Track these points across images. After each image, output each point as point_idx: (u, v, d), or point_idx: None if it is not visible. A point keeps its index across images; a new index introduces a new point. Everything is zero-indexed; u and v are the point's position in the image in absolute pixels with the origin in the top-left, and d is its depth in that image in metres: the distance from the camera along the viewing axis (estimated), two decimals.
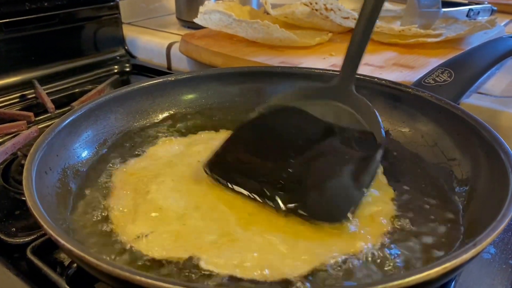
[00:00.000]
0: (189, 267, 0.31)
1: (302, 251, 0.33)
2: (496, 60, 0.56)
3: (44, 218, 0.29)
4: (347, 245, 0.33)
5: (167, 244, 0.33)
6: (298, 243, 0.33)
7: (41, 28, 0.73)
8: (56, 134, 0.40)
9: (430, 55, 0.68)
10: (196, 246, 0.33)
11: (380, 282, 0.23)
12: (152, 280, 0.23)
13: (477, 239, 0.27)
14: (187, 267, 0.31)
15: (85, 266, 0.27)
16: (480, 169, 0.38)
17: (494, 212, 0.30)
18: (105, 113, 0.47)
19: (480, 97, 0.56)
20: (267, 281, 0.30)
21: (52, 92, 0.72)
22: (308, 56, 0.69)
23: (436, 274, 0.25)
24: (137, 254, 0.33)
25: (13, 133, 0.57)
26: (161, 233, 0.35)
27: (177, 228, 0.35)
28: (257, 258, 0.32)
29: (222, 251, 0.33)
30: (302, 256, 0.32)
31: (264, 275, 0.30)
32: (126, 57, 0.86)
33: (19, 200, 0.46)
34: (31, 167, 0.35)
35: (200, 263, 0.32)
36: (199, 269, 0.31)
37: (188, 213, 0.37)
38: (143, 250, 0.33)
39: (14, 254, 0.39)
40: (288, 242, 0.33)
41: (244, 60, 0.67)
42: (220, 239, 0.34)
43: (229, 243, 0.33)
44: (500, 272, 0.37)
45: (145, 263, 0.32)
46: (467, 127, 0.41)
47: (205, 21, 0.74)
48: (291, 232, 0.35)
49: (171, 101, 0.53)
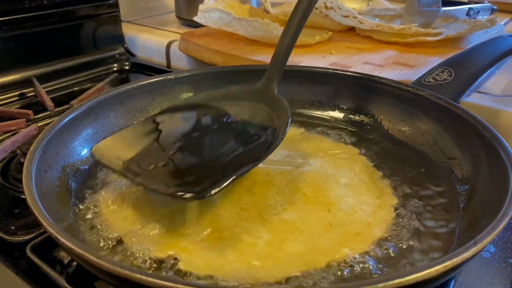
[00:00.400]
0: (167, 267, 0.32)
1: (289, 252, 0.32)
2: (496, 59, 0.56)
3: (44, 216, 0.29)
4: (338, 247, 0.33)
5: (152, 241, 0.34)
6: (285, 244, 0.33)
7: (40, 26, 0.73)
8: (55, 132, 0.40)
9: (430, 54, 0.68)
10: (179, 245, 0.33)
11: (380, 281, 0.23)
12: (152, 278, 0.23)
13: (478, 238, 0.27)
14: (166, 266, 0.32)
15: (85, 265, 0.27)
16: (480, 168, 0.38)
17: (494, 211, 0.30)
18: (105, 111, 0.47)
19: (480, 96, 0.56)
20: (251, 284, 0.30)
21: (51, 90, 0.71)
22: (308, 55, 0.69)
23: (436, 272, 0.25)
24: (121, 250, 0.33)
25: (12, 131, 0.57)
26: (149, 229, 0.35)
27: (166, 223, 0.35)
28: (239, 259, 0.32)
29: (205, 250, 0.32)
30: (288, 258, 0.32)
31: (244, 278, 0.30)
32: (126, 56, 0.86)
33: (18, 199, 0.45)
34: (30, 165, 0.34)
35: (179, 264, 0.32)
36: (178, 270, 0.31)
37: (177, 209, 0.36)
38: (127, 246, 0.33)
39: (13, 253, 0.38)
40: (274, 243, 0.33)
41: (244, 58, 0.67)
42: (207, 235, 0.34)
43: (216, 240, 0.33)
44: (500, 271, 0.37)
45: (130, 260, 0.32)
46: (467, 126, 0.41)
47: (205, 19, 0.74)
48: (282, 231, 0.34)
49: (171, 99, 0.53)
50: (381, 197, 0.39)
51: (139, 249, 0.33)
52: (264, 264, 0.31)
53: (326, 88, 0.54)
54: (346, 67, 0.63)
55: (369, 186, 0.40)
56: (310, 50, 0.71)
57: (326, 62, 0.66)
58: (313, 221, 0.35)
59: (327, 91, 0.54)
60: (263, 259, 0.32)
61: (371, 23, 0.75)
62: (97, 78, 0.77)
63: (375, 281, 0.23)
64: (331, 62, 0.66)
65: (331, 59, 0.67)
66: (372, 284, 0.23)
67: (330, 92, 0.54)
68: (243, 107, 0.44)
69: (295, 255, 0.32)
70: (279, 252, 0.32)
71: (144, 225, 0.35)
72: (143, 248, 0.33)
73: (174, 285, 0.23)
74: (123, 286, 0.26)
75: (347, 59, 0.67)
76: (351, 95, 0.53)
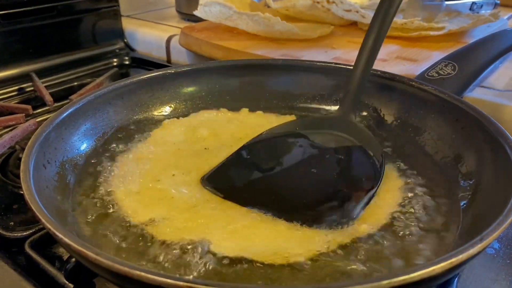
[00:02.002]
0: (199, 250, 0.32)
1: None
2: (500, 53, 0.55)
3: (42, 211, 0.28)
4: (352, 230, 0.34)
5: (179, 229, 0.34)
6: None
7: (39, 20, 0.72)
8: (54, 126, 0.39)
9: (433, 48, 0.67)
10: (206, 231, 0.33)
11: (385, 277, 0.23)
12: (151, 275, 0.23)
13: (484, 234, 0.26)
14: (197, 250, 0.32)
15: (83, 261, 0.26)
16: (485, 163, 0.38)
17: (500, 206, 0.29)
18: (104, 106, 0.47)
19: (484, 91, 0.55)
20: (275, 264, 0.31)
21: (51, 85, 0.71)
22: (310, 49, 0.68)
23: (442, 269, 0.24)
24: (148, 237, 0.33)
25: (11, 126, 0.56)
26: (174, 219, 0.35)
27: (189, 215, 0.35)
28: (266, 243, 0.32)
29: (233, 236, 0.33)
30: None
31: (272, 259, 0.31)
32: (125, 50, 0.85)
33: (17, 194, 0.45)
34: (28, 160, 0.34)
35: (210, 247, 0.32)
36: (209, 252, 0.32)
37: (200, 204, 0.37)
38: (155, 234, 0.33)
39: (12, 249, 0.38)
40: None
41: (245, 53, 0.67)
42: (230, 225, 0.34)
43: (241, 228, 0.34)
44: (504, 267, 0.36)
45: (158, 246, 0.32)
46: (471, 120, 0.41)
47: (205, 13, 0.73)
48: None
49: (171, 93, 0.52)
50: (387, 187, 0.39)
51: (166, 234, 0.33)
52: (290, 244, 0.32)
53: (328, 83, 0.53)
54: (349, 61, 0.62)
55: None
56: (312, 44, 0.71)
57: (328, 57, 0.65)
58: None
59: (329, 85, 0.53)
60: (288, 239, 0.33)
61: None
62: (97, 73, 0.76)
63: (379, 278, 0.23)
64: (333, 56, 0.65)
65: (333, 53, 0.67)
66: (377, 281, 0.23)
67: (332, 86, 0.53)
68: (323, 135, 0.43)
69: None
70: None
71: (167, 215, 0.35)
72: (169, 233, 0.33)
73: (173, 282, 0.22)
74: (122, 282, 0.26)
75: (349, 54, 0.66)
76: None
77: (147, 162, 0.42)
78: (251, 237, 0.33)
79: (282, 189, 0.39)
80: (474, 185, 0.37)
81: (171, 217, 0.35)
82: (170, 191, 0.38)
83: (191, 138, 0.47)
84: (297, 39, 0.71)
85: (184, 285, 0.22)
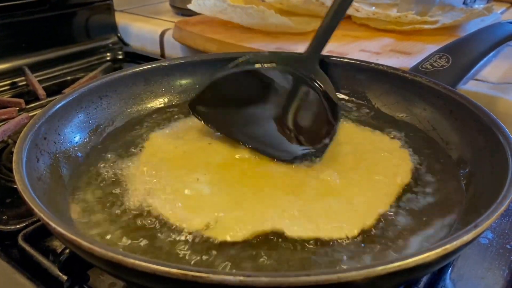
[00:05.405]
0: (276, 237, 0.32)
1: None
2: (494, 44, 0.55)
3: (35, 201, 0.28)
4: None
5: (244, 223, 0.33)
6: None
7: (32, 14, 0.71)
8: (46, 118, 0.39)
9: (427, 42, 0.67)
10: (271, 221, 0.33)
11: (379, 264, 0.23)
12: (146, 263, 0.23)
13: (478, 221, 0.26)
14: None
15: (77, 250, 0.26)
16: (479, 153, 0.38)
17: (494, 195, 0.30)
18: (98, 98, 0.46)
19: (477, 84, 0.55)
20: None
21: (44, 80, 0.70)
22: (304, 42, 0.68)
23: (436, 255, 0.24)
24: (212, 241, 0.31)
25: (4, 120, 0.56)
26: (229, 218, 0.34)
27: (241, 213, 0.34)
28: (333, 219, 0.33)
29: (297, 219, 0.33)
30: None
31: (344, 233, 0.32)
32: (119, 45, 0.84)
33: (10, 188, 0.45)
34: (21, 151, 0.34)
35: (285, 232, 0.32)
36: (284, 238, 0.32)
37: (241, 201, 0.36)
38: (219, 236, 0.32)
39: (5, 242, 0.38)
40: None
41: (239, 46, 0.66)
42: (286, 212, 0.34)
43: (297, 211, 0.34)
44: (498, 257, 0.37)
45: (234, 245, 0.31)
46: (465, 111, 0.41)
47: (199, 7, 0.73)
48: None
49: (165, 86, 0.52)
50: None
51: (233, 233, 0.32)
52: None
53: None
54: (343, 54, 0.62)
55: None
56: (306, 37, 0.70)
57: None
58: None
59: None
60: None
61: (367, 11, 0.74)
62: (90, 68, 0.76)
63: (374, 265, 0.23)
64: (328, 49, 0.64)
65: (328, 46, 0.66)
66: (372, 268, 0.23)
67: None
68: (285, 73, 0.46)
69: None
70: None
71: (219, 218, 0.34)
72: (235, 231, 0.32)
73: (167, 269, 0.22)
74: (116, 271, 0.26)
75: (344, 47, 0.66)
76: (347, 82, 0.52)
77: (166, 156, 0.42)
78: (315, 217, 0.34)
79: (256, 122, 0.43)
80: (468, 175, 0.37)
81: (221, 218, 0.34)
82: (207, 195, 0.36)
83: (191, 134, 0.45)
84: (291, 33, 0.71)
85: (178, 273, 0.22)
